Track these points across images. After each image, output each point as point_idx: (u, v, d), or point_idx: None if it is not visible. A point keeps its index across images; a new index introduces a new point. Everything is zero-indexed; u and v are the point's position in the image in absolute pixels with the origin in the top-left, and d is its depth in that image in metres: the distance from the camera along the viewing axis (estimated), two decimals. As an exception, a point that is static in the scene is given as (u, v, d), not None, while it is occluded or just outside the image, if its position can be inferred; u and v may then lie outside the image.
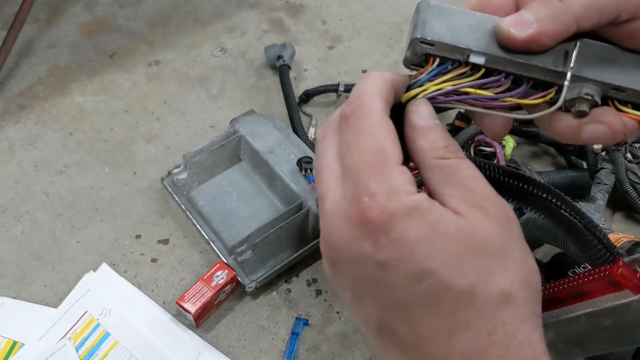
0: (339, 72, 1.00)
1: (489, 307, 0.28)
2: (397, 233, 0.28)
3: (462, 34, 0.32)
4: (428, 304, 0.28)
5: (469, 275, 0.28)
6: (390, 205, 0.28)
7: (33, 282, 0.72)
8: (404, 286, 0.28)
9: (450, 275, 0.27)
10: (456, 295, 0.28)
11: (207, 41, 1.04)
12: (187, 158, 0.78)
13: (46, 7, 1.10)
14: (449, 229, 0.28)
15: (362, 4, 1.12)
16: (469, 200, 0.29)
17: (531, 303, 0.29)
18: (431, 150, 0.30)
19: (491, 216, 0.29)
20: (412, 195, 0.28)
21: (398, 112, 0.33)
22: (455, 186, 0.29)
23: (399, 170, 0.29)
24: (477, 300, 0.28)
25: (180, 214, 0.79)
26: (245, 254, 0.68)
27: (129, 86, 0.96)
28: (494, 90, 0.33)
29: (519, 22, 0.32)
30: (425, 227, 0.28)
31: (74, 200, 0.81)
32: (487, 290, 0.28)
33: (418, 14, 0.33)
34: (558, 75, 0.32)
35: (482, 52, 0.32)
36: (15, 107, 0.93)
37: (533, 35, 0.31)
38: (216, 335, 0.68)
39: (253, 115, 0.83)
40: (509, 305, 0.28)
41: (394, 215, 0.28)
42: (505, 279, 0.28)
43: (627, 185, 0.74)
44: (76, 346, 0.66)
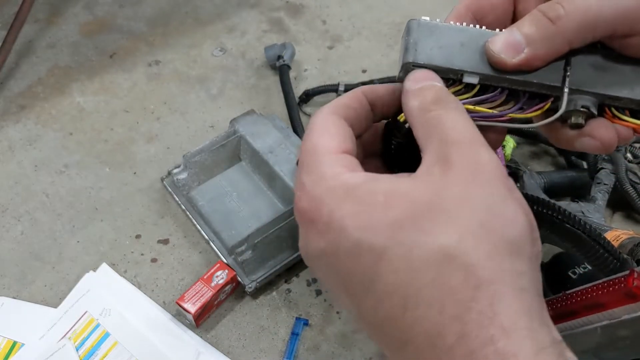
0: (339, 72, 1.00)
1: (431, 270, 0.24)
2: (325, 215, 0.27)
3: (454, 53, 0.32)
4: (372, 281, 0.25)
5: (405, 238, 0.25)
6: (317, 190, 0.27)
7: (33, 282, 0.72)
8: (347, 267, 0.26)
9: (384, 243, 0.25)
10: (395, 264, 0.24)
11: (207, 41, 1.04)
12: (187, 158, 0.78)
13: (46, 7, 1.10)
14: (378, 198, 0.26)
15: (362, 4, 1.12)
16: (439, 152, 0.27)
17: (492, 261, 0.24)
18: (418, 107, 0.29)
19: (450, 167, 0.26)
20: (341, 176, 0.28)
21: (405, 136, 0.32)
22: (432, 138, 0.28)
23: (328, 158, 0.29)
24: (417, 266, 0.24)
25: (180, 214, 0.79)
26: (245, 254, 0.68)
27: (129, 86, 0.96)
28: (490, 105, 0.33)
29: (510, 45, 0.31)
30: (353, 202, 0.26)
31: (74, 200, 0.81)
32: (426, 250, 0.24)
33: (409, 34, 0.32)
34: (554, 88, 0.32)
35: (475, 73, 0.32)
36: (15, 107, 0.93)
37: (524, 60, 0.31)
38: (216, 335, 0.68)
39: (253, 115, 0.83)
40: (456, 266, 0.23)
41: (321, 198, 0.27)
42: (449, 233, 0.24)
43: (627, 185, 0.74)
44: (76, 346, 0.66)
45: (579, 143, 0.33)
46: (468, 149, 0.27)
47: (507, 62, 0.31)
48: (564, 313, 0.37)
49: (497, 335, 0.22)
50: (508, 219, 0.25)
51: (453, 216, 0.25)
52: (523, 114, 0.32)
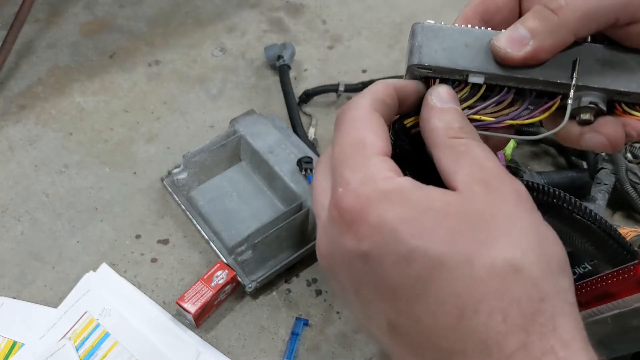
0: (339, 72, 1.00)
1: (495, 281, 0.24)
2: (375, 217, 0.25)
3: (459, 54, 0.32)
4: (424, 289, 0.25)
5: (464, 247, 0.24)
6: (364, 190, 0.26)
7: (33, 282, 0.72)
8: (395, 273, 0.25)
9: (442, 249, 0.24)
10: (454, 272, 0.24)
11: (207, 41, 1.04)
12: (187, 158, 0.78)
13: (46, 7, 1.10)
14: (435, 205, 0.25)
15: (362, 4, 1.12)
16: (475, 175, 0.27)
17: (551, 277, 0.24)
18: (445, 129, 0.29)
19: (494, 190, 0.26)
20: (391, 180, 0.27)
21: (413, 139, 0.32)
22: (464, 163, 0.27)
23: (377, 159, 0.28)
24: (480, 275, 0.24)
25: (180, 214, 0.79)
26: (245, 254, 0.68)
27: (129, 86, 0.96)
28: (497, 107, 0.32)
29: (515, 39, 0.31)
30: (407, 207, 0.25)
31: (74, 200, 0.81)
32: (489, 261, 0.24)
33: (413, 38, 0.32)
34: (561, 85, 0.32)
35: (480, 72, 0.32)
36: (15, 107, 0.93)
37: (530, 53, 0.31)
38: (216, 335, 0.68)
39: (253, 115, 0.83)
40: (521, 277, 0.24)
41: (369, 200, 0.26)
42: (511, 246, 0.24)
43: (627, 185, 0.74)
44: (76, 346, 0.66)
45: (584, 140, 0.33)
46: (507, 178, 0.27)
47: (513, 57, 0.31)
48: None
49: (557, 346, 0.23)
50: (552, 241, 0.26)
51: (510, 233, 0.25)
52: (530, 117, 0.32)
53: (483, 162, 0.27)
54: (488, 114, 0.32)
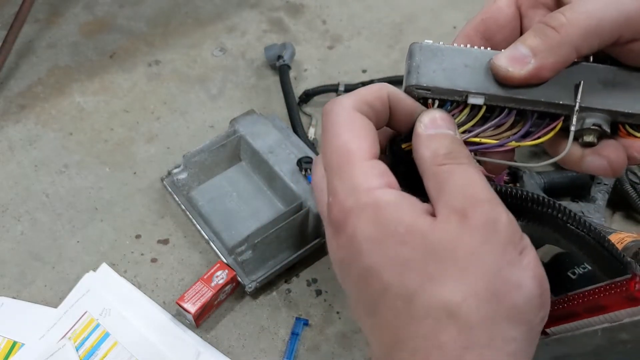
0: (339, 72, 1.00)
1: (428, 322, 0.24)
2: (350, 230, 0.27)
3: (458, 75, 0.31)
4: (372, 309, 0.26)
5: (411, 281, 0.25)
6: (347, 202, 0.28)
7: (33, 282, 0.72)
8: (356, 286, 0.28)
9: (391, 278, 0.25)
10: (395, 302, 0.25)
11: (207, 41, 1.04)
12: (187, 158, 0.78)
13: (46, 7, 1.10)
14: (398, 229, 0.26)
15: (362, 4, 1.12)
16: (452, 204, 0.27)
17: (490, 325, 0.24)
18: (431, 158, 0.29)
19: (467, 222, 0.26)
20: (373, 191, 0.27)
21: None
22: (445, 191, 0.27)
23: (364, 166, 0.28)
24: (417, 311, 0.24)
25: (180, 214, 0.79)
26: (245, 254, 0.68)
27: (129, 86, 0.96)
28: (498, 130, 0.31)
29: (516, 58, 0.30)
30: (375, 226, 0.27)
31: (74, 200, 0.81)
32: (428, 300, 0.24)
33: (411, 58, 0.32)
34: (563, 107, 0.31)
35: (480, 93, 0.31)
36: (15, 107, 0.93)
37: (532, 72, 0.30)
38: (216, 335, 0.68)
39: (253, 115, 0.83)
40: (454, 323, 0.24)
41: (349, 213, 0.27)
42: (455, 290, 0.24)
43: (627, 186, 0.74)
44: (76, 346, 0.66)
45: (585, 164, 0.32)
46: (487, 207, 0.27)
47: (514, 76, 0.30)
48: (565, 314, 0.37)
49: None
50: (515, 285, 0.25)
51: (462, 270, 0.25)
52: (533, 140, 0.31)
53: (465, 189, 0.27)
54: (489, 136, 0.32)
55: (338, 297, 0.71)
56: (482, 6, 0.36)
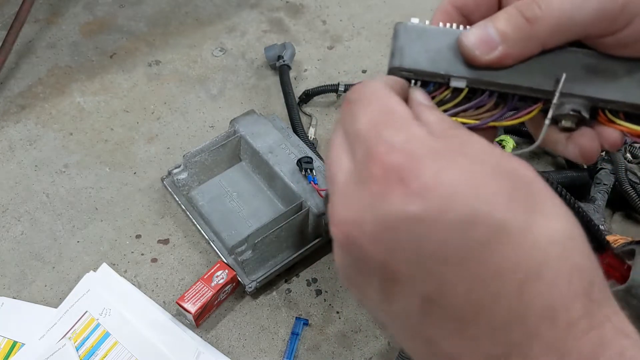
0: (339, 72, 1.00)
1: (556, 247, 0.23)
2: (430, 176, 0.23)
3: (442, 57, 0.31)
4: (483, 255, 0.23)
5: (523, 213, 0.23)
6: (414, 148, 0.24)
7: (33, 282, 0.72)
8: (451, 238, 0.23)
9: (504, 214, 0.23)
10: (515, 238, 0.23)
11: (207, 41, 1.04)
12: (187, 158, 0.78)
13: (46, 7, 1.10)
14: (491, 163, 0.24)
15: (362, 4, 1.12)
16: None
17: (591, 250, 0.24)
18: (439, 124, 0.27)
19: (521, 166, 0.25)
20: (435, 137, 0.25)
21: None
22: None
23: (417, 123, 0.26)
24: (540, 240, 0.23)
25: (180, 214, 0.79)
26: (245, 254, 0.68)
27: (129, 86, 0.96)
28: (479, 111, 0.32)
29: (484, 41, 0.30)
30: (463, 165, 0.23)
31: (74, 200, 0.81)
32: (548, 228, 0.23)
33: (396, 39, 0.32)
34: (544, 92, 0.31)
35: (462, 77, 0.31)
36: (15, 107, 0.93)
37: (497, 59, 0.30)
38: (216, 335, 0.68)
39: (253, 115, 0.83)
40: (577, 245, 0.24)
41: (422, 157, 0.23)
42: (563, 221, 0.24)
43: (626, 186, 0.74)
44: (76, 346, 0.66)
45: (560, 147, 0.33)
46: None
47: (479, 59, 0.30)
48: None
49: (611, 315, 0.24)
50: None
51: (555, 206, 0.24)
52: (512, 119, 0.32)
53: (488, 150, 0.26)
54: (469, 116, 0.32)
55: (338, 297, 0.71)
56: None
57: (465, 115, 0.32)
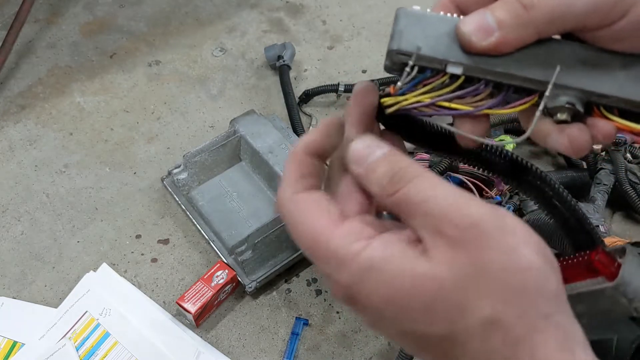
0: (339, 72, 1.00)
1: (476, 342, 0.26)
2: (363, 301, 0.27)
3: (440, 43, 0.31)
4: (422, 353, 0.28)
5: (442, 320, 0.26)
6: (343, 279, 0.27)
7: (33, 282, 0.72)
8: (397, 340, 0.29)
9: (425, 328, 0.26)
10: (439, 343, 0.26)
11: (207, 41, 1.04)
12: (187, 158, 0.78)
13: (46, 7, 1.10)
14: (405, 284, 0.26)
15: (362, 4, 1.12)
16: (430, 226, 0.27)
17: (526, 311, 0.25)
18: (381, 192, 0.29)
19: (454, 242, 0.26)
20: (359, 256, 0.27)
21: (391, 118, 0.33)
22: (414, 216, 0.28)
23: (337, 236, 0.28)
24: (461, 341, 0.26)
25: (180, 214, 0.79)
26: (245, 254, 0.68)
27: (129, 86, 0.96)
28: (474, 99, 0.32)
29: (481, 27, 0.30)
30: (382, 288, 0.27)
31: (74, 200, 0.81)
32: (466, 326, 0.26)
33: (396, 22, 0.32)
34: (540, 83, 0.31)
35: (459, 63, 0.31)
36: (15, 107, 0.93)
37: (493, 45, 0.30)
38: (216, 335, 0.68)
39: (253, 115, 0.83)
40: (493, 329, 0.25)
41: (351, 287, 0.27)
42: (484, 306, 0.25)
43: (626, 186, 0.74)
44: (76, 346, 0.66)
45: (550, 140, 0.33)
46: (456, 216, 0.26)
47: (476, 45, 0.30)
48: None
49: None
50: (525, 269, 0.26)
51: (479, 289, 0.26)
52: (506, 109, 0.32)
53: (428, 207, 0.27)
54: (464, 103, 0.32)
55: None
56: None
57: (460, 102, 0.32)
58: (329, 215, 0.29)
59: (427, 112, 0.32)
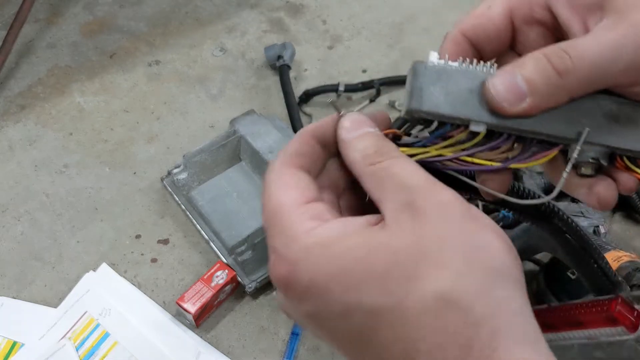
0: (339, 72, 1.00)
1: (429, 317, 0.24)
2: (305, 279, 0.26)
3: (462, 101, 0.30)
4: (369, 340, 0.25)
5: (394, 291, 0.24)
6: (291, 253, 0.27)
7: (33, 282, 0.72)
8: (341, 329, 0.26)
9: (374, 299, 0.25)
10: (390, 318, 0.24)
11: (207, 41, 1.04)
12: (187, 158, 0.78)
13: (46, 7, 1.10)
14: (358, 254, 0.25)
15: (362, 4, 1.12)
16: (399, 199, 0.26)
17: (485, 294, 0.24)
18: (362, 159, 0.29)
19: (419, 213, 0.26)
20: (313, 231, 0.27)
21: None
22: (387, 188, 0.27)
23: (296, 213, 0.28)
24: (413, 316, 0.24)
25: (180, 214, 0.79)
26: (245, 254, 0.68)
27: (129, 86, 0.96)
28: (496, 152, 0.31)
29: (512, 92, 0.29)
30: (332, 262, 0.26)
31: (74, 200, 0.81)
32: (419, 299, 0.24)
33: (414, 78, 0.31)
34: (565, 139, 0.30)
35: (482, 122, 0.30)
36: (15, 107, 0.93)
37: (525, 111, 0.29)
38: (216, 335, 0.68)
39: (253, 115, 0.83)
40: (452, 307, 0.24)
41: (297, 263, 0.26)
42: (440, 275, 0.24)
43: (627, 186, 0.74)
44: (76, 346, 0.66)
45: (579, 194, 0.32)
46: (430, 193, 0.26)
47: (507, 110, 0.29)
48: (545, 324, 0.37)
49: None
50: (487, 250, 0.25)
51: (437, 260, 0.24)
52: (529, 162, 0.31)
53: (406, 180, 0.27)
54: (484, 158, 0.31)
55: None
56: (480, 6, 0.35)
57: (481, 157, 0.31)
58: (301, 194, 0.29)
59: (450, 165, 0.31)
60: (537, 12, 0.31)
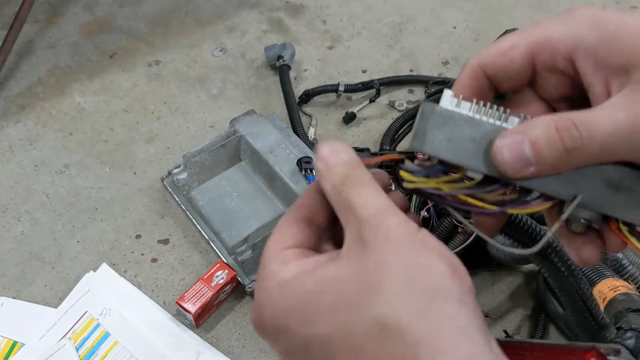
0: (339, 72, 1.00)
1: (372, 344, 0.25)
2: (270, 319, 0.28)
3: (463, 148, 0.31)
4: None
5: (340, 320, 0.26)
6: (258, 298, 0.29)
7: (33, 282, 0.72)
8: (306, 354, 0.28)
9: (326, 330, 0.26)
10: (343, 346, 0.26)
11: (207, 41, 1.04)
12: (187, 158, 0.78)
13: (46, 7, 1.10)
14: (307, 288, 0.27)
15: (362, 4, 1.12)
16: (354, 231, 0.27)
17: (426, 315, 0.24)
18: (331, 190, 0.29)
19: (365, 245, 0.27)
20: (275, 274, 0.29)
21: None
22: (346, 220, 0.28)
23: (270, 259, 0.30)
24: (359, 342, 0.25)
25: (180, 214, 0.79)
26: (245, 254, 0.68)
27: (129, 86, 0.96)
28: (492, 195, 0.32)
29: (518, 159, 0.29)
30: (287, 298, 0.28)
31: (74, 200, 0.81)
32: (362, 326, 0.25)
33: (421, 119, 0.31)
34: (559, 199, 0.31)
35: (480, 171, 0.31)
36: (15, 107, 0.93)
37: (529, 176, 0.30)
38: (216, 335, 0.68)
39: (253, 115, 0.83)
40: (391, 331, 0.24)
41: (263, 306, 0.29)
42: (379, 303, 0.25)
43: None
44: (76, 346, 0.66)
45: (564, 243, 0.33)
46: (378, 222, 0.27)
47: (510, 175, 0.30)
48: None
49: None
50: (428, 272, 0.26)
51: (376, 286, 0.25)
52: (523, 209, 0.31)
53: (359, 211, 0.28)
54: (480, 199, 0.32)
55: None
56: (480, 7, 0.35)
57: (478, 196, 0.32)
58: (282, 242, 0.31)
59: (446, 201, 0.32)
60: (560, 62, 0.31)
